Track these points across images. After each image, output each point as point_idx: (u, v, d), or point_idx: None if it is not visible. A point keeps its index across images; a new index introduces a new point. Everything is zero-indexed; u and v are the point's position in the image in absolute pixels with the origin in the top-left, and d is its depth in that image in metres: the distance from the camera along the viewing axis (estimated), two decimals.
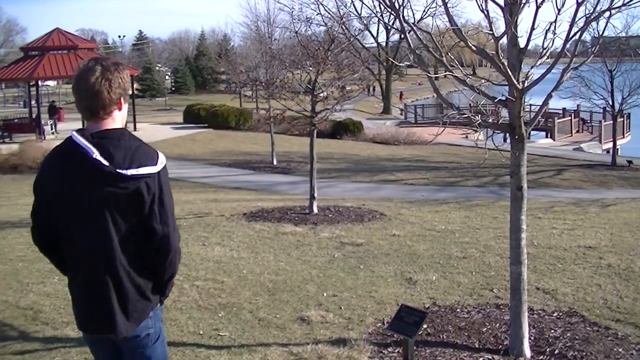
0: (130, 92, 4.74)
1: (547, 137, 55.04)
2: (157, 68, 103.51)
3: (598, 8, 7.01)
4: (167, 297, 4.87)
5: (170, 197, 4.55)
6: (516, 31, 7.15)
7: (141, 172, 4.32)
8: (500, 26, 7.50)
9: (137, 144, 4.45)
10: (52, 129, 45.61)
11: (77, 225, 4.42)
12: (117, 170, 4.26)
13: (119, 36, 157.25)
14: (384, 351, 7.84)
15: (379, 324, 8.69)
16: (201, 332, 8.40)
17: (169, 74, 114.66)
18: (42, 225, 4.60)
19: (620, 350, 7.85)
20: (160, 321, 4.74)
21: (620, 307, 9.42)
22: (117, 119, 4.54)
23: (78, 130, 4.40)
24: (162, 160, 4.48)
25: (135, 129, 46.71)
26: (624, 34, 30.09)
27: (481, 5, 6.96)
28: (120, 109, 4.54)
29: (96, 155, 4.26)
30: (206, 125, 49.29)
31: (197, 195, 22.64)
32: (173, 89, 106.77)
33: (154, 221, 4.43)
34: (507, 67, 7.01)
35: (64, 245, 4.56)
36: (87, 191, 4.32)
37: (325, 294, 9.89)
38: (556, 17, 6.90)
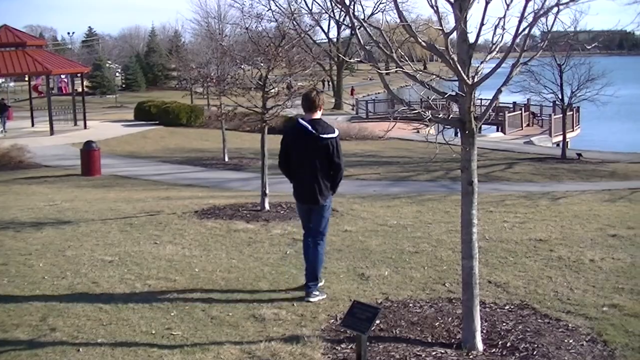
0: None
1: (498, 131, 55.42)
2: (107, 65, 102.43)
3: (546, 4, 7.05)
4: (335, 192, 10.03)
5: (340, 147, 9.74)
6: (466, 27, 7.17)
7: (329, 136, 9.60)
8: (450, 21, 7.53)
9: (327, 125, 9.73)
10: (1, 128, 45.04)
11: (302, 158, 9.73)
12: (320, 135, 9.53)
13: (68, 33, 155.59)
14: (337, 347, 7.84)
15: (332, 320, 8.70)
16: (153, 332, 8.35)
17: (120, 70, 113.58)
18: (284, 159, 10.00)
19: (571, 341, 7.94)
20: (330, 201, 9.94)
21: (570, 298, 9.54)
22: (319, 114, 9.79)
23: (301, 118, 9.73)
24: (337, 131, 9.74)
25: (85, 127, 46.32)
26: (572, 29, 30.40)
27: (430, 1, 6.98)
28: (320, 109, 9.81)
29: (311, 129, 9.56)
30: (157, 122, 49.07)
31: (149, 193, 22.47)
32: (124, 86, 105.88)
33: (335, 157, 9.63)
34: (457, 63, 7.04)
35: (293, 167, 9.91)
36: (306, 144, 9.62)
37: (277, 291, 9.88)
38: (505, 12, 6.94)
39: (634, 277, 10.65)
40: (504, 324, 8.45)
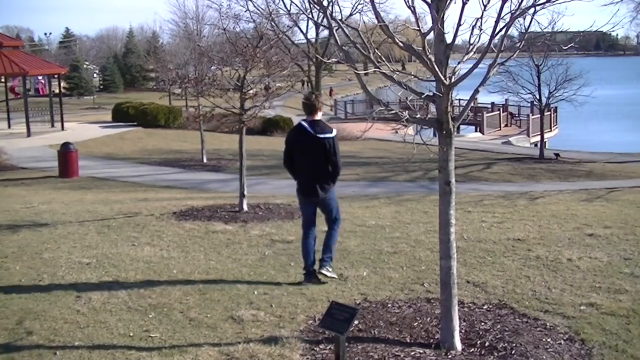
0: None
1: (476, 131, 55.68)
2: (84, 66, 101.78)
3: (523, 4, 7.07)
4: (335, 184, 10.70)
5: (338, 146, 10.49)
6: (443, 27, 7.18)
7: (327, 136, 10.35)
8: (428, 22, 7.53)
9: (326, 125, 10.55)
10: None
11: (303, 157, 10.53)
12: (317, 135, 10.32)
13: (45, 34, 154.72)
14: (315, 348, 7.84)
15: (311, 321, 8.70)
16: (131, 334, 8.31)
17: (97, 71, 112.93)
18: (288, 158, 10.81)
19: (549, 340, 7.97)
20: (333, 192, 10.74)
21: (548, 298, 9.58)
22: (318, 115, 10.62)
23: (303, 120, 10.58)
24: (335, 131, 10.56)
25: (62, 129, 46.07)
26: (549, 30, 30.53)
27: (408, 1, 6.98)
28: (320, 111, 10.66)
29: (310, 129, 10.36)
30: (135, 123, 48.83)
31: (127, 194, 22.38)
32: (101, 87, 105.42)
33: (332, 156, 10.37)
34: (434, 63, 7.04)
35: (295, 165, 10.72)
36: (306, 143, 10.42)
37: (256, 292, 9.86)
38: (482, 13, 6.95)
39: (611, 275, 10.72)
40: (483, 324, 8.47)
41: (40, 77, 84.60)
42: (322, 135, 10.35)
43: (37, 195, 22.43)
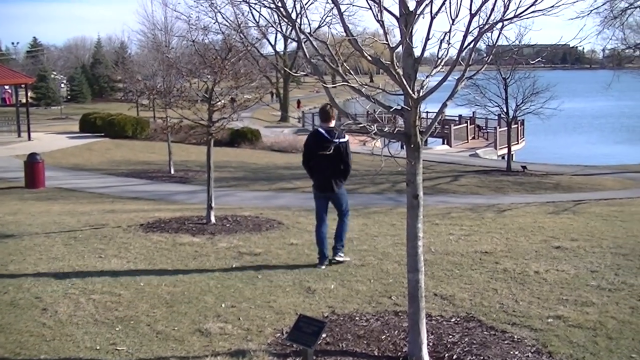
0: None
1: (443, 143, 55.84)
2: (52, 76, 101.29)
3: (491, 19, 7.11)
4: (346, 181, 12.61)
5: (350, 149, 12.44)
6: (411, 41, 7.20)
7: (341, 141, 12.14)
8: (396, 35, 7.55)
9: (340, 132, 12.18)
10: None
11: (320, 159, 12.04)
12: (334, 140, 11.92)
13: (12, 43, 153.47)
14: None
15: (278, 334, 8.67)
16: (98, 347, 8.25)
17: (65, 82, 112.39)
18: (306, 160, 12.67)
19: (516, 353, 8.00)
20: (344, 188, 12.65)
21: (516, 310, 9.61)
22: (333, 123, 12.41)
23: (319, 127, 12.65)
24: (347, 137, 12.35)
25: (29, 139, 45.78)
26: (517, 44, 30.74)
27: (377, 15, 7.00)
28: (334, 119, 12.48)
29: (327, 135, 12.19)
30: (103, 134, 48.61)
31: (94, 206, 22.22)
32: (69, 97, 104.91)
33: (345, 157, 12.26)
34: (402, 77, 7.05)
35: (313, 166, 12.57)
36: (323, 147, 11.54)
37: (223, 305, 9.83)
38: (450, 27, 6.98)
39: (578, 288, 10.78)
40: (450, 337, 8.49)
41: (7, 87, 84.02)
42: (337, 140, 12.09)
43: (3, 206, 22.22)
